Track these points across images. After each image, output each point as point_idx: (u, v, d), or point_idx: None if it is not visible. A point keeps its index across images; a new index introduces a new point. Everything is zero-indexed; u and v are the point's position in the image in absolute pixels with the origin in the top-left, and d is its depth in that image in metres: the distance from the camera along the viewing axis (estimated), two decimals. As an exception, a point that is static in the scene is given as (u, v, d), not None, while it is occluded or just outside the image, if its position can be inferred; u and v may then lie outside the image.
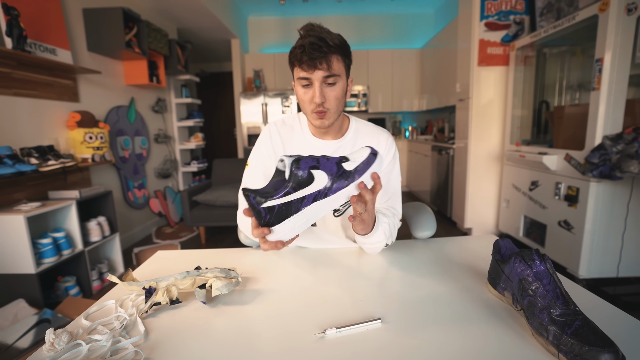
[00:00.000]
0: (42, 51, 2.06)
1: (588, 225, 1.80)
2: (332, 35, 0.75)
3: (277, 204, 0.52)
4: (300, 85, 0.78)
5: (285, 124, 0.92)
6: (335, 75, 0.75)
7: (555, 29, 2.05)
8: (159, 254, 0.93)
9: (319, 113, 0.78)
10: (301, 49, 0.72)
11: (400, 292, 0.66)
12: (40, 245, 1.76)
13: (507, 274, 0.55)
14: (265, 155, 0.90)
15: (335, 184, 0.54)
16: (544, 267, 0.50)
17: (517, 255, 0.53)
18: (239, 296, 0.66)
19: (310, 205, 0.54)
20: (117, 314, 0.60)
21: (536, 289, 0.48)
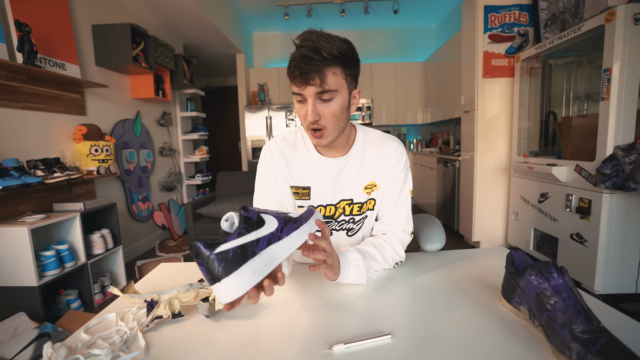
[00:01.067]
0: (52, 66, 2.11)
1: (602, 238, 1.75)
2: (331, 43, 0.66)
3: (231, 247, 0.45)
4: (296, 100, 0.72)
5: (287, 142, 0.85)
6: (330, 91, 0.67)
7: (561, 40, 2.05)
8: (161, 267, 0.91)
9: (314, 131, 0.72)
10: (294, 62, 0.66)
11: (410, 306, 0.63)
12: (43, 257, 1.75)
13: (522, 287, 0.52)
14: (271, 179, 0.84)
15: (286, 227, 0.54)
16: (562, 280, 0.47)
17: (533, 267, 0.50)
18: (243, 310, 0.64)
19: (267, 248, 0.49)
20: (117, 328, 0.58)
21: (555, 304, 0.45)
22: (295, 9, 4.48)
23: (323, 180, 0.81)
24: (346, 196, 0.82)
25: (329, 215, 0.83)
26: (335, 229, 0.85)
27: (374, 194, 0.83)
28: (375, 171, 0.83)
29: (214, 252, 0.44)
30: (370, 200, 0.83)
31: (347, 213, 0.83)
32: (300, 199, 0.83)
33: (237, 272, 0.45)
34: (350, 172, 0.82)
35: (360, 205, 0.83)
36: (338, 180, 0.81)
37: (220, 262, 0.44)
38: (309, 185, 0.82)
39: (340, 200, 0.82)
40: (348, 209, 0.83)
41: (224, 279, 0.44)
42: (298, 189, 0.82)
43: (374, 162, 0.83)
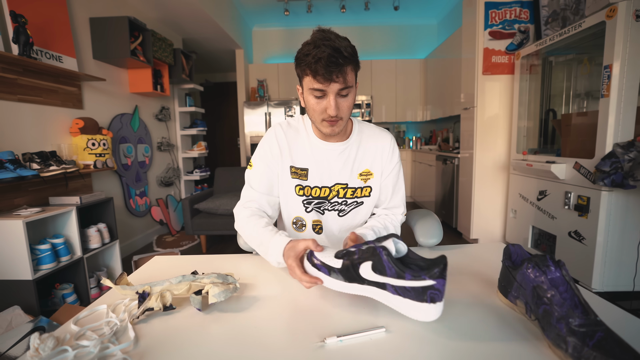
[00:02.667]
0: (48, 58, 2.09)
1: (600, 236, 1.74)
2: (344, 43, 0.73)
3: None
4: (313, 95, 0.76)
5: (291, 126, 0.91)
6: (349, 87, 0.75)
7: (562, 37, 2.04)
8: (156, 259, 0.90)
9: (331, 121, 0.78)
10: (315, 60, 0.70)
11: (405, 300, 0.62)
12: (38, 251, 1.74)
13: (519, 281, 0.51)
14: (269, 157, 0.88)
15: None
16: (560, 273, 0.46)
17: (530, 261, 0.49)
18: (236, 303, 0.63)
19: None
20: (107, 319, 0.57)
21: (552, 297, 0.44)
22: (295, 5, 4.45)
23: (321, 163, 0.88)
24: (342, 180, 0.88)
25: (323, 197, 0.89)
26: (327, 209, 0.90)
27: (370, 182, 0.90)
28: (372, 160, 0.90)
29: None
30: (367, 187, 0.90)
31: (340, 196, 0.89)
32: (299, 179, 0.88)
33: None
34: (348, 158, 0.88)
35: (354, 190, 0.89)
36: (335, 164, 0.88)
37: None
38: (307, 167, 0.88)
39: (336, 184, 0.88)
40: (342, 192, 0.89)
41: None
42: (297, 169, 0.88)
43: (370, 151, 0.90)
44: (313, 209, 0.90)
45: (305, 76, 0.76)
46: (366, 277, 0.53)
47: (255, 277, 0.75)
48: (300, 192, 0.88)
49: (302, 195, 0.89)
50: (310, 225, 0.91)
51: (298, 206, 0.90)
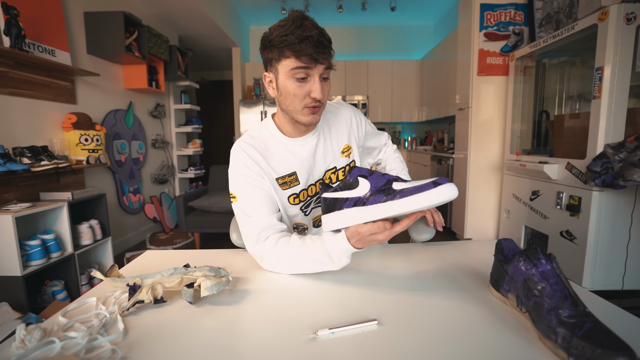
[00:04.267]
0: (41, 52, 2.06)
1: (591, 235, 1.76)
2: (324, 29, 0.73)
3: (328, 197, 0.64)
4: (295, 78, 0.71)
5: (255, 138, 0.82)
6: (330, 69, 0.74)
7: (555, 39, 2.06)
8: (147, 254, 0.89)
9: (314, 108, 0.74)
10: (301, 39, 0.66)
11: (398, 293, 0.62)
12: (28, 247, 1.71)
13: (510, 274, 0.52)
14: (252, 177, 0.78)
15: (373, 196, 0.57)
16: (550, 266, 0.47)
17: (522, 254, 0.50)
18: (228, 296, 0.63)
19: (351, 208, 0.60)
20: (96, 311, 0.56)
21: (542, 289, 0.45)
22: (292, 4, 4.45)
23: (305, 159, 0.84)
24: (329, 165, 0.87)
25: (319, 191, 0.84)
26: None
27: (353, 155, 0.91)
28: (347, 135, 0.90)
29: (322, 194, 0.65)
30: (352, 162, 0.91)
31: (334, 181, 0.87)
32: (290, 187, 0.82)
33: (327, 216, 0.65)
34: (325, 141, 0.87)
35: (343, 170, 0.89)
36: (317, 153, 0.85)
37: (323, 203, 0.65)
38: (294, 171, 0.83)
39: (326, 172, 0.86)
40: (334, 177, 0.87)
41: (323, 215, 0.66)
42: (284, 178, 0.82)
43: (342, 127, 0.90)
44: (313, 209, 0.88)
45: (283, 59, 0.70)
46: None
47: (247, 271, 0.75)
48: (296, 200, 0.84)
49: (297, 204, 0.84)
50: (312, 224, 0.90)
51: (296, 214, 0.86)
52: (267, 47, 0.72)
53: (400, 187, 0.55)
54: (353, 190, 0.60)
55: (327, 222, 0.64)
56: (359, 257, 0.82)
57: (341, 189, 0.61)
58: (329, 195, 0.63)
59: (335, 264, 0.66)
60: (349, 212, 0.60)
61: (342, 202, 0.61)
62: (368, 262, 0.79)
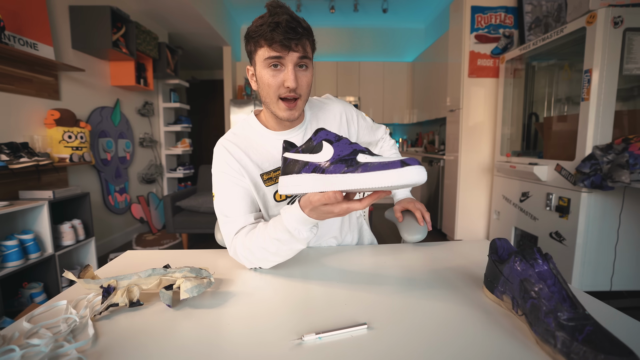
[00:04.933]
0: (22, 45, 1.98)
1: (580, 236, 1.77)
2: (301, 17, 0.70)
3: (288, 157, 0.59)
4: (268, 66, 0.69)
5: (238, 135, 0.81)
6: (308, 58, 0.70)
7: (544, 42, 2.08)
8: (128, 254, 0.85)
9: (289, 101, 0.71)
10: (272, 27, 0.65)
11: (388, 296, 0.60)
12: (4, 247, 1.64)
13: (506, 275, 0.50)
14: (232, 175, 0.76)
15: (334, 165, 0.52)
16: (547, 266, 0.45)
17: (518, 254, 0.48)
18: (210, 298, 0.59)
19: (309, 174, 0.55)
20: (65, 316, 0.52)
21: (540, 291, 0.43)
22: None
23: None
24: None
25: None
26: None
27: None
28: (337, 131, 0.87)
29: (283, 154, 0.61)
30: None
31: None
32: (275, 183, 0.79)
33: (284, 177, 0.60)
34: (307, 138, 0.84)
35: None
36: None
37: (283, 163, 0.61)
38: (279, 166, 0.79)
39: None
40: None
41: (281, 176, 0.61)
42: (269, 173, 0.79)
43: (331, 122, 0.87)
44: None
45: (259, 49, 0.69)
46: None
47: (231, 272, 0.71)
48: (280, 196, 0.80)
49: (282, 200, 0.81)
50: None
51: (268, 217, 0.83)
52: (247, 40, 0.73)
53: (365, 160, 0.49)
54: (315, 154, 0.55)
55: (282, 184, 0.60)
56: (348, 257, 0.80)
57: (303, 151, 0.57)
58: (290, 156, 0.58)
59: (296, 238, 0.61)
60: (305, 178, 0.55)
61: (302, 166, 0.56)
62: (358, 262, 0.77)
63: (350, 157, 0.51)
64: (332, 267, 0.74)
